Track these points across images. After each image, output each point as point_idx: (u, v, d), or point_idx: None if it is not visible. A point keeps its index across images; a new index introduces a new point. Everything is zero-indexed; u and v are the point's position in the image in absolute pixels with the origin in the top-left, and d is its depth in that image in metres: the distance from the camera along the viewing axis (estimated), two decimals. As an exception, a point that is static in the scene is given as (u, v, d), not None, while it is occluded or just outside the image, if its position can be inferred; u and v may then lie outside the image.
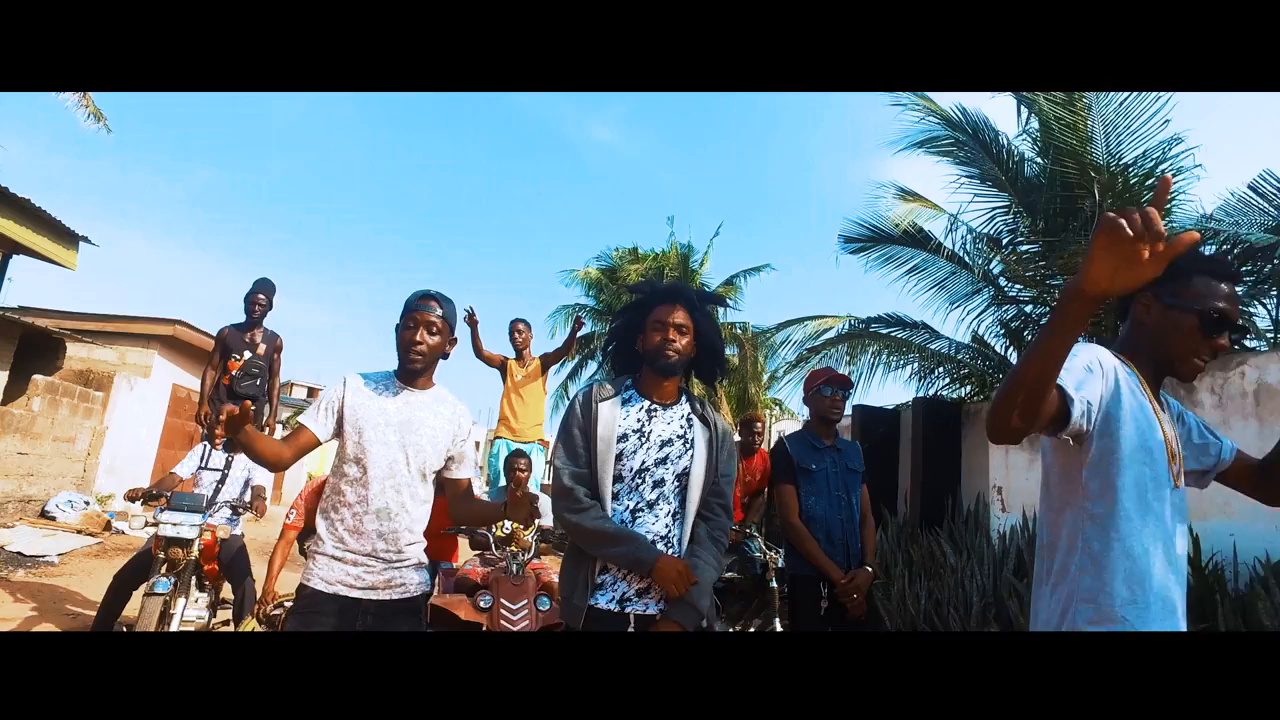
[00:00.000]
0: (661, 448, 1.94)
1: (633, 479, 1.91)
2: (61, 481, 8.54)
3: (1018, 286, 7.75)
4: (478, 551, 3.82)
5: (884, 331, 8.12)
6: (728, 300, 2.65)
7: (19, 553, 6.46)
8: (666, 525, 1.92)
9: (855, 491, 3.06)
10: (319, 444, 2.05)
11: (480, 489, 5.39)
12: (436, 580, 3.65)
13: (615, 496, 1.91)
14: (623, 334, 2.11)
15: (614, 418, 1.94)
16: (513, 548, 3.49)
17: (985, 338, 8.14)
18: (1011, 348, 8.03)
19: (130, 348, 10.48)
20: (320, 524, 2.06)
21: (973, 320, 7.88)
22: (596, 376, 15.76)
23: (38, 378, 8.26)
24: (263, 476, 4.28)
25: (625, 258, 15.37)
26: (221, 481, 4.10)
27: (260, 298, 5.20)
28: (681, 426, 1.99)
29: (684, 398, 2.06)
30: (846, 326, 8.36)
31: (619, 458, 1.91)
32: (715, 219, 72.65)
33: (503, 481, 4.37)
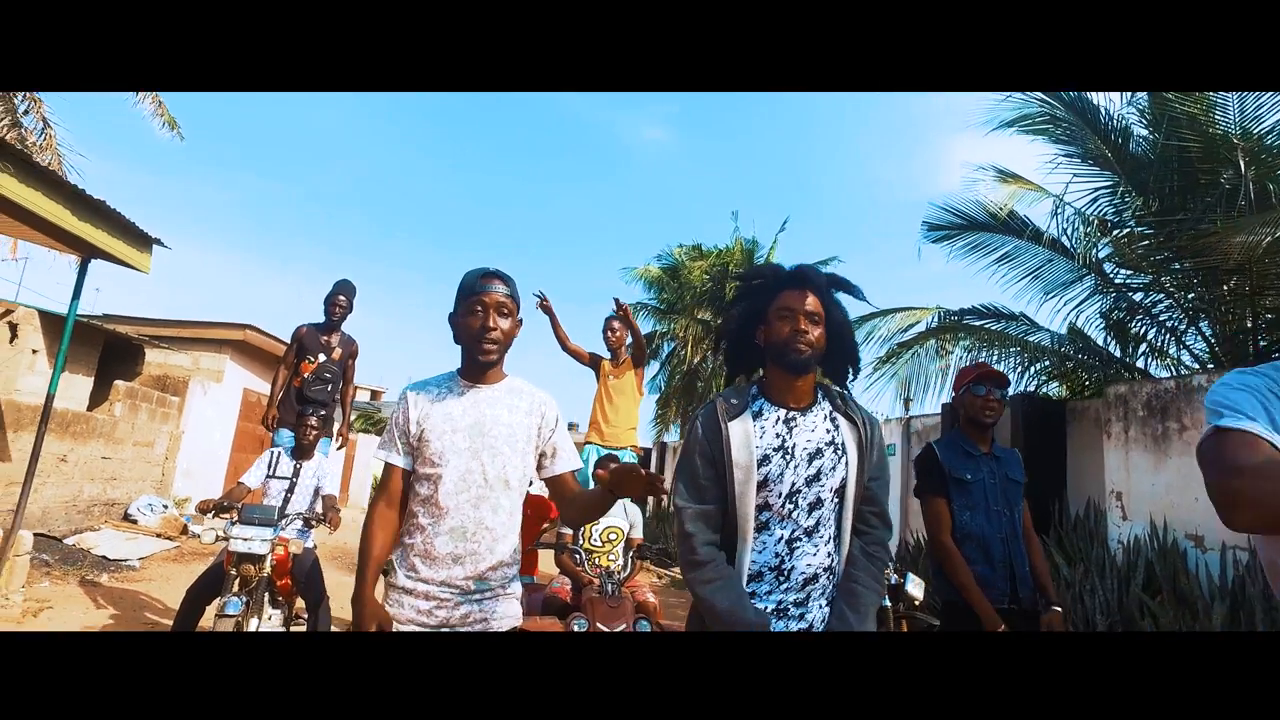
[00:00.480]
0: (811, 462, 1.61)
1: (783, 505, 1.59)
2: (142, 485, 8.72)
3: (1124, 273, 7.10)
4: (562, 573, 3.55)
5: (977, 324, 7.55)
6: (859, 288, 2.28)
7: (104, 556, 6.55)
8: (828, 553, 1.62)
9: (1017, 505, 2.64)
10: (408, 474, 1.81)
11: None
12: (520, 599, 3.42)
13: (764, 527, 1.60)
14: (739, 326, 1.77)
15: (748, 437, 1.60)
16: (605, 563, 3.20)
17: (1084, 329, 7.51)
18: (1114, 340, 7.37)
19: (203, 353, 10.67)
20: (395, 551, 1.81)
21: (1070, 311, 7.27)
22: (657, 379, 15.44)
23: (119, 383, 8.45)
24: (332, 485, 4.12)
25: (688, 254, 14.91)
26: (290, 491, 3.95)
27: (341, 299, 5.01)
28: (827, 431, 1.65)
29: (820, 395, 1.72)
30: (936, 319, 7.80)
31: (763, 484, 1.58)
32: (775, 214, 71.79)
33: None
